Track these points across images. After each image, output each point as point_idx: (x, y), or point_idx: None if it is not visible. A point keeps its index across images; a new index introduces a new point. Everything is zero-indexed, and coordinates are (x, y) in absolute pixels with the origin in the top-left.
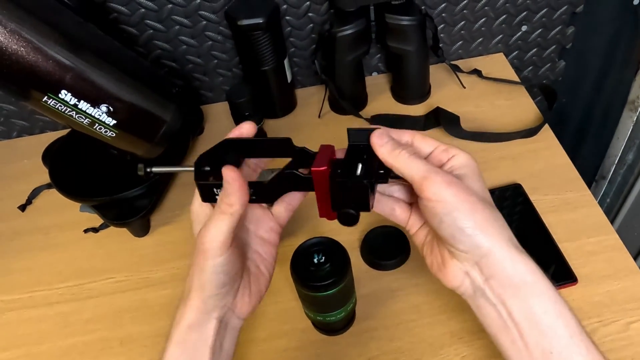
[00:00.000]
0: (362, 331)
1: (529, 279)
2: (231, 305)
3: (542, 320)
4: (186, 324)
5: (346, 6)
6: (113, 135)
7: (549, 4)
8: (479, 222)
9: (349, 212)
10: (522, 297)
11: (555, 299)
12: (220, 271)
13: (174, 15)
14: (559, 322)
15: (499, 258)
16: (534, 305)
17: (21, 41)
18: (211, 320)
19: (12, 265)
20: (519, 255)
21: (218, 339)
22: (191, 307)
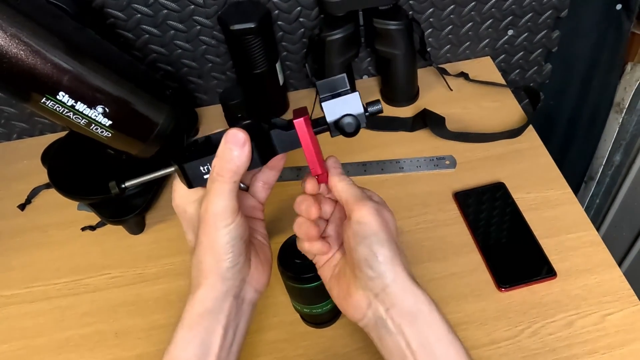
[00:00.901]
0: (349, 323)
1: (425, 308)
2: (248, 278)
3: (435, 348)
4: (201, 308)
5: (335, 11)
6: (109, 135)
7: (534, 9)
8: (388, 254)
9: (346, 122)
10: (419, 325)
11: (448, 328)
12: (235, 236)
13: (169, 20)
14: (450, 350)
15: (400, 288)
16: (429, 335)
17: (21, 45)
18: (227, 299)
19: (12, 262)
20: (416, 288)
21: (233, 319)
22: (206, 286)
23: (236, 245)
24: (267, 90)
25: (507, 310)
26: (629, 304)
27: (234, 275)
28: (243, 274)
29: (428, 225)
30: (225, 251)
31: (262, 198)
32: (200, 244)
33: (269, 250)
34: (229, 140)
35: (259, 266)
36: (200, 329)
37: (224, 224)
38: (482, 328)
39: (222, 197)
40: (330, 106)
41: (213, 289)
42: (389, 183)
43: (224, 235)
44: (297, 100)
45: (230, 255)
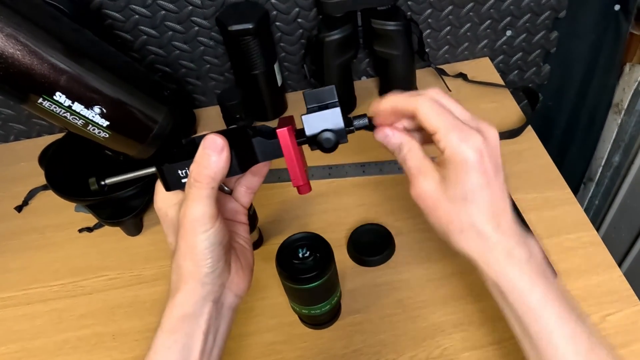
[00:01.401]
0: (347, 325)
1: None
2: (228, 283)
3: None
4: (180, 312)
5: (334, 12)
6: (106, 136)
7: (532, 10)
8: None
9: (324, 137)
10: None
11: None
12: (214, 242)
13: (167, 21)
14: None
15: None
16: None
17: (18, 45)
18: (206, 304)
19: (9, 264)
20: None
21: (213, 323)
22: (185, 291)
23: (215, 250)
24: (265, 91)
25: None
26: (629, 304)
27: (213, 280)
28: (222, 279)
29: (427, 225)
30: (204, 257)
31: (245, 202)
32: (179, 249)
33: (250, 254)
34: (206, 146)
35: (240, 271)
36: (181, 334)
37: (202, 230)
38: (482, 328)
39: (199, 202)
40: (310, 120)
41: (192, 294)
42: (387, 184)
43: (203, 241)
44: (295, 101)
45: (209, 261)
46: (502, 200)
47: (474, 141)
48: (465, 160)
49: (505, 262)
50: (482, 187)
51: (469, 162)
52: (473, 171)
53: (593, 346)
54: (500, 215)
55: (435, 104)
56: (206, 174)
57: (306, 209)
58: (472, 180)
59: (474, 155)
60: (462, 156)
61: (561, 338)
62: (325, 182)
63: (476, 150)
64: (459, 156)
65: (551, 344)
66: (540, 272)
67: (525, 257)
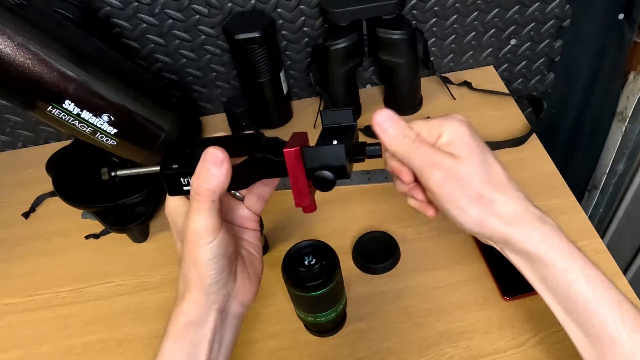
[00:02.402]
0: (352, 332)
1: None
2: (234, 293)
3: (555, 285)
4: (186, 320)
5: (339, 21)
6: (114, 143)
7: (536, 18)
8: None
9: (322, 175)
10: (530, 265)
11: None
12: (217, 254)
13: (174, 30)
14: (576, 282)
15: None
16: (544, 273)
17: (28, 54)
18: (211, 313)
19: (15, 270)
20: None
21: (218, 332)
22: (190, 300)
23: (219, 262)
24: (271, 99)
25: (512, 319)
26: None
27: (217, 290)
28: (227, 289)
29: (432, 233)
30: (207, 268)
31: (257, 210)
32: (184, 259)
33: (259, 263)
34: (206, 159)
35: (246, 281)
36: (186, 342)
37: (205, 242)
38: (487, 337)
39: (201, 215)
40: (311, 153)
41: (197, 304)
42: (392, 191)
43: (206, 253)
44: (300, 109)
45: (213, 272)
46: (502, 167)
47: (455, 116)
48: (458, 130)
49: (543, 227)
50: (485, 152)
51: (462, 131)
52: (471, 136)
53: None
54: (511, 180)
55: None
56: (206, 187)
57: (312, 216)
58: (474, 146)
59: (462, 125)
60: (454, 128)
61: (607, 306)
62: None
63: (461, 122)
64: (452, 130)
65: (601, 312)
66: (570, 241)
67: (554, 223)
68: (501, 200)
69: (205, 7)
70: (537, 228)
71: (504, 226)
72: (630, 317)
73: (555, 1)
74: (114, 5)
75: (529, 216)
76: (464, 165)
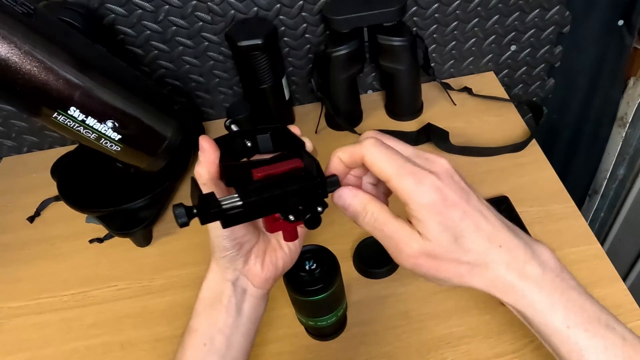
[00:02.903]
0: (353, 336)
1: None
2: (243, 271)
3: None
4: (205, 283)
5: (341, 28)
6: (118, 149)
7: (536, 25)
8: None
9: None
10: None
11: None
12: (219, 236)
13: (177, 36)
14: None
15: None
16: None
17: (34, 62)
18: (225, 283)
19: (20, 273)
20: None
21: (233, 300)
22: (210, 268)
23: (223, 242)
24: (273, 104)
25: (512, 324)
26: (633, 317)
27: (225, 264)
28: (236, 266)
29: None
30: (215, 243)
31: None
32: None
33: (283, 257)
34: (200, 142)
35: (258, 264)
36: (206, 302)
37: (212, 227)
38: (487, 341)
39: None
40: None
41: (212, 271)
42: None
43: (212, 235)
44: (302, 114)
45: (219, 250)
46: (486, 221)
47: (428, 182)
48: (427, 207)
49: (521, 286)
50: (461, 220)
51: (432, 208)
52: (442, 213)
53: (629, 351)
54: (495, 235)
55: (381, 145)
56: (195, 170)
57: None
58: (447, 220)
59: (434, 196)
60: (423, 203)
61: (593, 354)
62: (332, 194)
63: (435, 190)
64: (421, 205)
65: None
66: (558, 283)
67: (539, 272)
68: (478, 271)
69: (208, 15)
70: (515, 290)
71: (484, 289)
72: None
73: (555, 8)
74: (118, 13)
75: (508, 278)
76: (436, 245)
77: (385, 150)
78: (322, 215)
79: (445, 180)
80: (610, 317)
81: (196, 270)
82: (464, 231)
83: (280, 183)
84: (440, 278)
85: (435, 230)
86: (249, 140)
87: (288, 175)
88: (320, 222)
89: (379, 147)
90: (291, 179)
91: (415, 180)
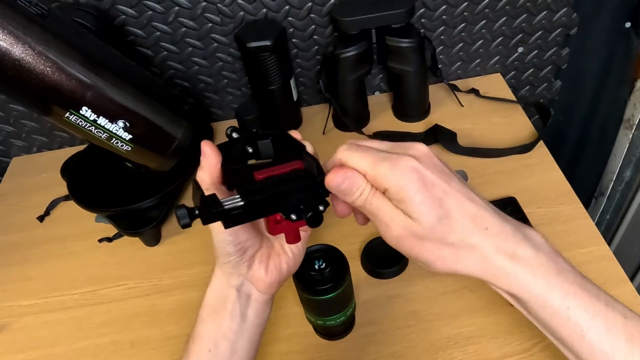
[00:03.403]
0: (361, 336)
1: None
2: (247, 276)
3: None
4: (209, 289)
5: (349, 29)
6: (129, 149)
7: (543, 27)
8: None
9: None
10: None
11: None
12: (223, 241)
13: (187, 38)
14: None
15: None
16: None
17: (47, 62)
18: (230, 289)
19: (30, 272)
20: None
21: (237, 306)
22: (215, 273)
23: (226, 247)
24: (282, 105)
25: (520, 324)
26: None
27: (229, 269)
28: (239, 272)
29: None
30: (218, 247)
31: None
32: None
33: (287, 261)
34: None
35: (261, 270)
36: (211, 309)
37: (215, 233)
38: (495, 342)
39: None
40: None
41: (216, 276)
42: None
43: (215, 241)
44: (310, 115)
45: (222, 255)
46: (470, 202)
47: (404, 163)
48: (406, 187)
49: (513, 268)
50: (442, 199)
51: (411, 187)
52: (421, 191)
53: (631, 330)
54: (481, 217)
55: (354, 146)
56: (197, 175)
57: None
58: (427, 200)
59: (411, 176)
60: (401, 184)
61: (595, 334)
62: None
63: (411, 170)
64: (399, 186)
65: (586, 343)
66: (553, 265)
67: (532, 254)
68: (464, 254)
69: (217, 16)
70: (508, 273)
71: (473, 274)
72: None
73: (562, 10)
74: (128, 14)
75: (498, 261)
76: (419, 225)
77: (358, 148)
78: (329, 216)
79: (423, 161)
80: (608, 296)
81: (205, 269)
82: (447, 211)
83: (281, 183)
84: (423, 260)
85: (417, 208)
86: (250, 146)
87: (289, 176)
88: (322, 220)
89: (352, 148)
90: (292, 179)
91: (391, 165)
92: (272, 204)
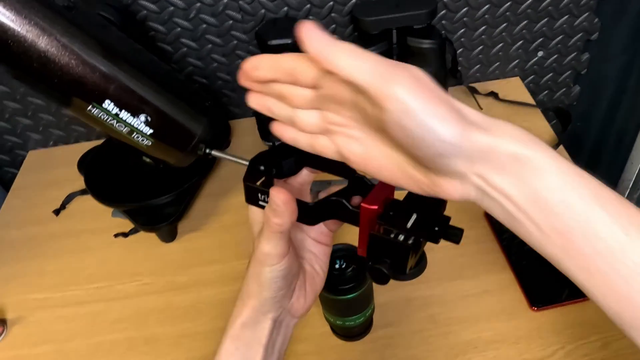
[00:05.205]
0: (379, 338)
1: (522, 153)
2: (288, 307)
3: (548, 198)
4: (241, 322)
5: (370, 29)
6: (149, 144)
7: (564, 31)
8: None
9: (380, 270)
10: (519, 178)
11: (560, 168)
12: (277, 276)
13: (207, 34)
14: (569, 195)
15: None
16: (535, 185)
17: (72, 54)
18: (266, 320)
19: (46, 266)
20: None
21: (272, 338)
22: (248, 306)
23: (278, 282)
24: None
25: (540, 330)
26: None
27: (273, 304)
28: (283, 304)
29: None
30: (268, 286)
31: (332, 227)
32: (250, 268)
33: (320, 280)
34: (273, 196)
35: (301, 298)
36: (242, 342)
37: (269, 264)
38: (515, 347)
39: (269, 242)
40: (377, 240)
41: (254, 310)
42: None
43: (267, 273)
44: None
45: (271, 291)
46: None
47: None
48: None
49: (535, 156)
50: (449, 97)
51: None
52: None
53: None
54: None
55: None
56: (274, 221)
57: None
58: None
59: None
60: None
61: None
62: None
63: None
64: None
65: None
66: (578, 170)
67: (553, 154)
68: (469, 110)
69: (238, 13)
70: (521, 132)
71: (484, 138)
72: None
73: (584, 14)
74: (150, 9)
75: (510, 154)
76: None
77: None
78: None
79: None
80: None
81: (220, 267)
82: (457, 104)
83: (410, 209)
84: (438, 112)
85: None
86: (275, 167)
87: (410, 201)
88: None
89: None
90: (415, 202)
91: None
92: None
